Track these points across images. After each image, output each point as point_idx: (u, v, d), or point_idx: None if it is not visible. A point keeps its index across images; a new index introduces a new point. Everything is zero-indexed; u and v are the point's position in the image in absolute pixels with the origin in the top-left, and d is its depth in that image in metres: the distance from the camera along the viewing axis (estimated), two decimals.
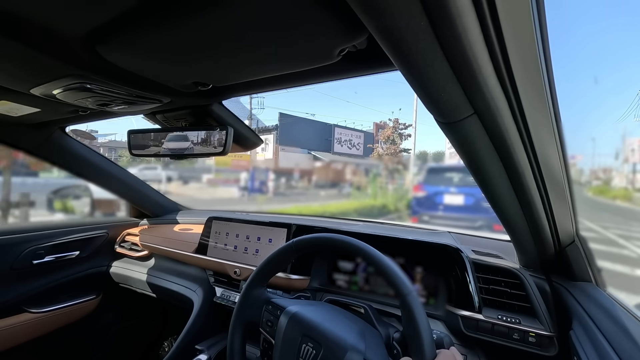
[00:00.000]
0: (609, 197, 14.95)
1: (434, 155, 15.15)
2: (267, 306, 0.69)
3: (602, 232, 6.73)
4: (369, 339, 0.60)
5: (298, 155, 12.36)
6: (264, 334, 0.69)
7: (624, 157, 18.47)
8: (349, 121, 16.88)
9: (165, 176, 9.59)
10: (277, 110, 8.39)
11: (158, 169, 9.22)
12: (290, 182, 12.08)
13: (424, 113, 13.75)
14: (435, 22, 0.29)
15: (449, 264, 0.87)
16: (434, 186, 5.53)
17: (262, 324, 0.69)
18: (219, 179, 12.14)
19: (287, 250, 0.69)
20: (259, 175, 11.64)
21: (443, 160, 11.94)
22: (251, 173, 11.45)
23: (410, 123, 12.27)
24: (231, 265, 1.13)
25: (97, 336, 1.54)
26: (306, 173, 12.43)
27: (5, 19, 0.43)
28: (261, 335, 0.70)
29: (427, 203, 5.51)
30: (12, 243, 1.20)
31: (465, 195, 5.11)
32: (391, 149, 12.15)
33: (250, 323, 0.70)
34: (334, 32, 0.44)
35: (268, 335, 0.67)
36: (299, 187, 12.13)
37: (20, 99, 0.76)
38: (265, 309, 0.69)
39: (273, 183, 11.50)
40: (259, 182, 11.51)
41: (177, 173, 10.79)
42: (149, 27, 0.44)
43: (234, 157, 11.09)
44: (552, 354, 0.70)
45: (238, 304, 0.71)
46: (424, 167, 13.45)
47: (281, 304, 0.68)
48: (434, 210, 5.40)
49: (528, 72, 0.40)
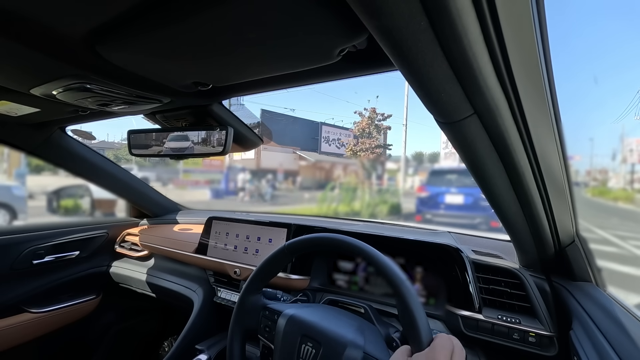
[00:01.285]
0: (609, 198, 14.65)
1: (429, 157, 14.88)
2: (264, 312, 0.69)
3: (622, 244, 5.78)
4: (367, 333, 0.60)
5: (282, 154, 11.57)
6: (262, 340, 0.69)
7: (622, 158, 18.30)
8: (337, 119, 16.24)
9: (141, 177, 9.22)
10: (259, 107, 7.95)
11: (134, 169, 9.04)
12: (273, 183, 11.27)
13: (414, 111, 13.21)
14: (435, 22, 0.29)
15: (449, 264, 0.87)
16: (436, 187, 6.06)
17: (260, 330, 0.69)
18: (188, 180, 11.45)
19: (280, 255, 0.68)
20: (234, 175, 10.94)
21: (438, 161, 11.47)
22: (225, 174, 10.76)
23: (389, 114, 10.73)
24: (231, 265, 1.13)
25: (97, 336, 1.54)
26: (291, 173, 11.68)
27: (5, 19, 0.43)
28: (260, 342, 0.70)
29: (430, 202, 6.05)
30: (12, 243, 1.20)
31: (465, 195, 5.63)
32: (367, 144, 10.50)
33: (249, 330, 0.70)
34: (334, 32, 0.44)
35: (267, 341, 0.67)
36: (282, 188, 11.29)
37: (20, 99, 0.76)
38: (262, 314, 0.69)
39: (249, 184, 10.82)
40: (233, 184, 10.84)
41: (155, 174, 10.28)
42: (149, 27, 0.44)
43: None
44: (552, 354, 0.70)
45: (235, 312, 0.70)
46: (420, 167, 13.35)
47: (278, 308, 0.68)
48: (436, 209, 5.94)
49: (528, 72, 0.40)
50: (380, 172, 11.87)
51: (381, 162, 10.97)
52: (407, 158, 12.67)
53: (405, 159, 11.40)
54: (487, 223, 5.26)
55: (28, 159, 6.84)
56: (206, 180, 11.50)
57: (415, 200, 6.56)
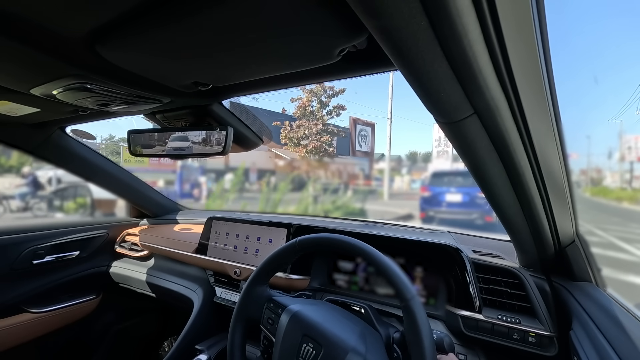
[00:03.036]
0: (611, 198, 14.05)
1: (423, 156, 14.65)
2: (268, 304, 0.69)
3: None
4: (369, 341, 0.60)
5: (256, 152, 10.44)
6: (264, 331, 0.69)
7: (620, 155, 17.97)
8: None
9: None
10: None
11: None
12: (243, 184, 8.47)
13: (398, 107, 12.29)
14: (435, 22, 0.29)
15: (449, 264, 0.87)
16: (437, 187, 6.92)
17: (263, 321, 0.69)
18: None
19: (291, 249, 0.69)
20: (189, 176, 9.46)
21: (430, 160, 10.95)
22: (179, 174, 9.30)
23: (343, 87, 8.09)
24: (231, 265, 1.13)
25: (97, 336, 1.54)
26: (265, 173, 9.86)
27: (6, 19, 0.43)
28: (262, 332, 0.70)
29: (432, 201, 6.92)
30: (12, 243, 1.20)
31: (463, 194, 6.53)
32: (306, 127, 7.32)
33: (251, 320, 0.70)
34: (334, 32, 0.44)
35: (269, 332, 0.67)
36: (253, 189, 9.42)
37: (20, 99, 0.76)
38: (266, 306, 0.69)
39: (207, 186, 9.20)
40: (189, 185, 9.33)
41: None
42: (149, 27, 0.44)
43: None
44: (552, 354, 0.70)
45: (240, 300, 0.71)
46: (414, 167, 13.17)
47: (283, 302, 0.68)
48: (437, 207, 6.80)
49: (528, 72, 0.40)
50: (367, 171, 11.07)
51: (329, 153, 8.37)
52: (401, 157, 11.93)
53: (390, 157, 10.37)
54: (482, 218, 6.24)
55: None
56: (153, 181, 10.05)
57: (419, 200, 7.33)
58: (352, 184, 10.82)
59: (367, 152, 11.71)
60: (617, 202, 13.37)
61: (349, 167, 11.45)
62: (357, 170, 11.69)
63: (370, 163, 12.05)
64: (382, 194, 10.34)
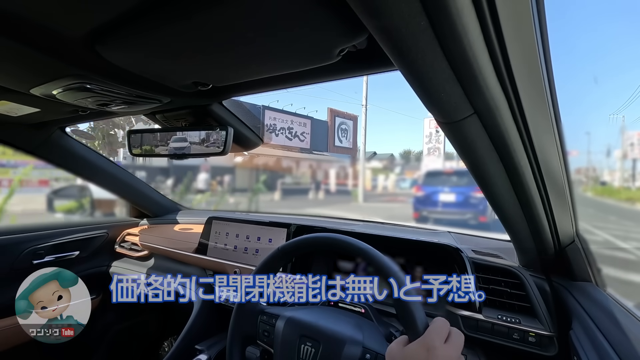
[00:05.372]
0: (620, 198, 12.50)
1: (416, 155, 14.57)
2: (261, 316, 0.69)
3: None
4: (365, 329, 0.60)
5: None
6: (262, 345, 0.68)
7: (621, 152, 17.21)
8: (296, 106, 12.80)
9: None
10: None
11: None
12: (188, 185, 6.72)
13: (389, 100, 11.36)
14: (435, 22, 0.29)
15: (449, 263, 0.87)
16: (431, 187, 6.75)
17: (259, 335, 0.68)
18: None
19: (274, 258, 0.68)
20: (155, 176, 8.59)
21: (422, 158, 10.51)
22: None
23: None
24: (231, 265, 1.13)
25: (97, 336, 1.54)
26: (219, 172, 8.87)
27: (5, 19, 0.43)
28: (259, 347, 0.70)
29: (426, 201, 6.73)
30: (12, 243, 1.20)
31: (457, 193, 6.35)
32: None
33: (248, 338, 0.70)
34: (334, 32, 0.44)
35: (267, 345, 0.67)
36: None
37: (20, 99, 0.76)
38: (260, 319, 0.69)
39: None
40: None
41: None
42: (149, 27, 0.44)
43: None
44: (552, 354, 0.70)
45: (233, 319, 0.70)
46: (407, 166, 13.03)
47: (275, 312, 0.68)
48: (431, 207, 6.64)
49: (528, 72, 0.40)
50: (347, 169, 10.33)
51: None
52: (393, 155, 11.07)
53: (365, 150, 9.17)
54: (476, 218, 6.04)
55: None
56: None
57: (412, 199, 7.21)
58: (324, 184, 10.08)
59: (349, 148, 10.88)
60: (630, 203, 11.55)
61: (324, 164, 10.60)
62: (336, 168, 10.75)
63: (353, 160, 11.19)
64: (357, 195, 9.32)
